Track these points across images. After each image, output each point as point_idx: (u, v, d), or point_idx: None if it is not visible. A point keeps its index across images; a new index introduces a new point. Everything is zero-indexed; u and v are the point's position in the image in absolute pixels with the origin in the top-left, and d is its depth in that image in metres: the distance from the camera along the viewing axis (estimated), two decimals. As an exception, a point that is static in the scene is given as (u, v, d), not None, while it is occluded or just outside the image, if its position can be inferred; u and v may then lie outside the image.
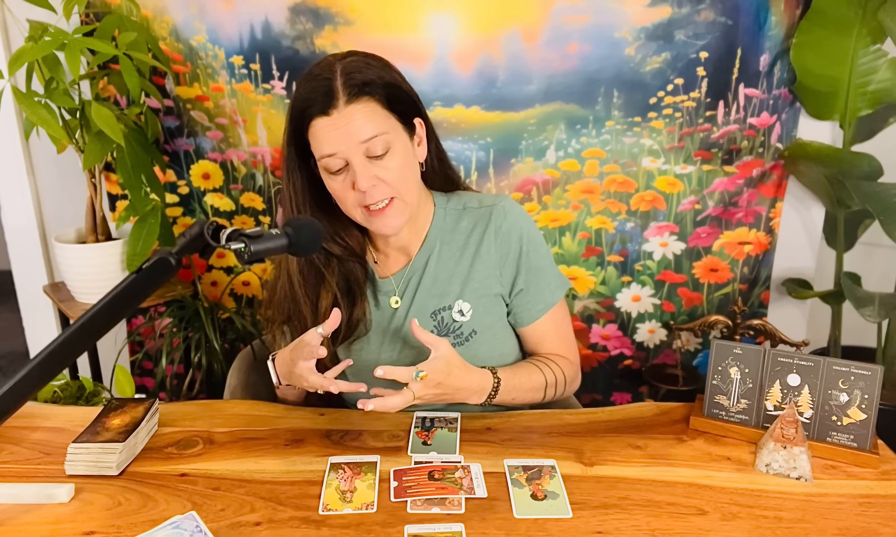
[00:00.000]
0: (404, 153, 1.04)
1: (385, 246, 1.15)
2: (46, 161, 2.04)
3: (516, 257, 1.13)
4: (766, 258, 2.03)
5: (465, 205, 1.16)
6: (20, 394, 0.80)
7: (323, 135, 1.00)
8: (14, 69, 1.52)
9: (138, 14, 1.81)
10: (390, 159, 1.01)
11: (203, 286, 2.10)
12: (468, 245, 1.14)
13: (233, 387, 1.33)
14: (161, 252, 0.86)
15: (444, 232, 1.15)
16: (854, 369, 0.99)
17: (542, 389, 1.14)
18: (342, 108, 0.98)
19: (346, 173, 1.01)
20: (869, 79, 1.76)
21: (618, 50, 1.80)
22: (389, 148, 1.01)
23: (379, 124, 1.00)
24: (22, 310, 2.20)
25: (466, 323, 1.13)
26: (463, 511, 0.87)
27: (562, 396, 1.19)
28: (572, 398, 1.32)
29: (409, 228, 1.12)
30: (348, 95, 0.98)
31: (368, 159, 1.00)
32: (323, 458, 1.00)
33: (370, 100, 1.00)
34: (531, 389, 1.12)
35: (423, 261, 1.14)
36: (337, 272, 1.13)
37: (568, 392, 1.21)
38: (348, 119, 0.98)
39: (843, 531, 0.84)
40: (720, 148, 1.91)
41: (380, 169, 1.01)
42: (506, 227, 1.12)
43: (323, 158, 1.01)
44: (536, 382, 1.13)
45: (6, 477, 0.96)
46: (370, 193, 1.01)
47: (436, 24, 1.79)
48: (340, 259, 1.13)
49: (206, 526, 0.84)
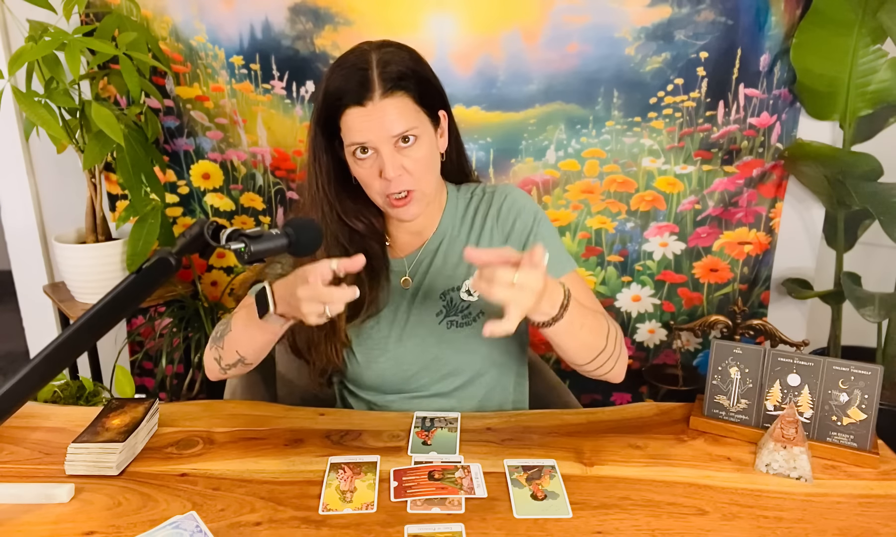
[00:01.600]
0: (430, 145, 1.07)
1: (398, 229, 1.18)
2: (46, 161, 2.04)
3: (520, 231, 1.15)
4: (766, 258, 2.03)
5: (472, 193, 1.21)
6: (20, 393, 0.80)
7: (356, 124, 1.02)
8: (14, 69, 1.53)
9: (138, 14, 1.82)
10: (417, 150, 1.04)
11: (203, 286, 2.10)
12: (474, 229, 1.18)
13: (233, 387, 1.33)
14: (161, 252, 0.86)
15: (456, 218, 1.19)
16: (854, 369, 0.99)
17: (605, 332, 1.02)
18: (377, 100, 1.01)
19: (374, 160, 1.04)
20: (869, 79, 1.76)
21: (618, 50, 1.80)
22: (417, 140, 1.04)
23: (410, 119, 1.03)
24: (22, 310, 2.20)
25: (474, 303, 1.15)
26: (463, 511, 0.87)
27: (619, 362, 1.07)
28: (572, 398, 1.32)
29: (424, 213, 1.15)
30: (384, 89, 1.01)
31: (396, 150, 1.03)
32: (323, 458, 1.00)
33: (404, 95, 1.03)
34: (595, 326, 1.01)
35: (435, 245, 1.17)
36: (357, 250, 1.13)
37: (623, 358, 1.08)
38: (382, 111, 1.01)
39: (843, 531, 0.84)
40: (720, 148, 1.91)
41: (406, 159, 1.04)
42: (506, 206, 1.16)
43: (353, 145, 1.04)
44: (599, 321, 1.03)
45: (6, 477, 0.96)
46: (395, 182, 1.03)
47: (436, 24, 1.79)
48: (363, 236, 1.15)
49: (206, 526, 0.84)
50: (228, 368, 1.10)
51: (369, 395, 1.19)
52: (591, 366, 1.04)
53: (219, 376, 1.14)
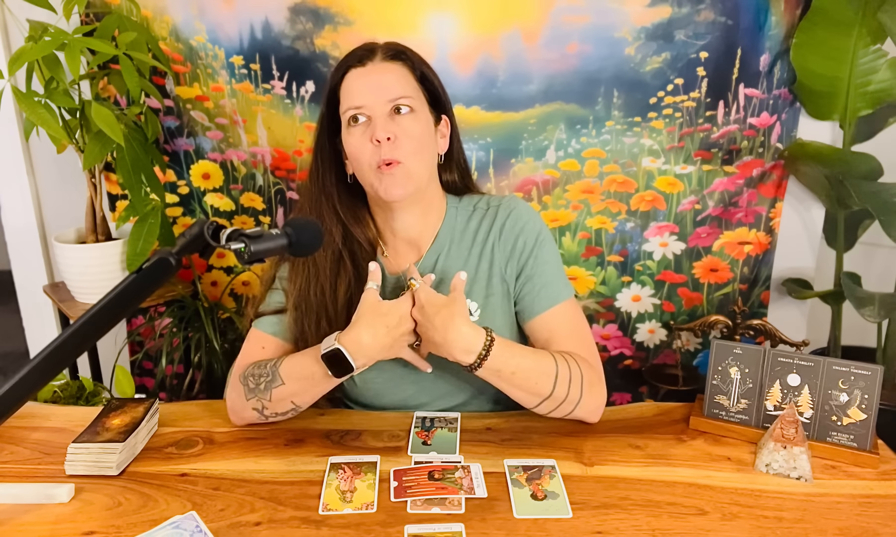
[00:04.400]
0: (425, 126, 1.07)
1: (394, 238, 1.15)
2: (46, 161, 2.04)
3: (521, 250, 1.12)
4: (766, 258, 2.03)
5: (475, 207, 1.18)
6: (20, 393, 0.80)
7: (354, 84, 1.05)
8: (14, 69, 1.52)
9: (138, 14, 1.82)
10: (411, 123, 1.05)
11: (203, 286, 2.10)
12: (475, 244, 1.14)
13: (233, 387, 1.33)
14: (161, 252, 0.86)
15: (455, 231, 1.16)
16: (854, 369, 0.99)
17: (553, 378, 0.99)
18: (378, 62, 1.05)
19: (367, 128, 1.04)
20: (869, 79, 1.76)
21: (618, 50, 1.80)
22: (413, 112, 1.05)
23: (408, 88, 1.06)
24: (22, 310, 2.20)
25: (474, 322, 1.12)
26: (463, 511, 0.87)
27: (579, 407, 1.03)
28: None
29: (420, 220, 1.13)
30: (385, 54, 1.07)
31: (390, 117, 1.04)
32: (323, 458, 1.00)
33: (405, 66, 1.07)
34: (538, 373, 0.99)
35: (433, 260, 1.14)
36: (350, 263, 1.13)
37: (587, 402, 1.03)
38: (381, 72, 1.05)
39: (843, 531, 0.84)
40: (720, 148, 1.91)
41: (398, 128, 1.03)
42: (510, 223, 1.13)
43: (348, 111, 1.05)
44: (545, 367, 1.00)
45: (6, 477, 0.96)
46: (385, 147, 1.02)
47: (436, 25, 1.79)
48: (353, 243, 1.14)
49: (206, 526, 0.84)
50: (275, 416, 1.08)
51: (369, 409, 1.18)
52: (541, 410, 1.04)
53: (255, 422, 1.10)
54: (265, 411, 1.06)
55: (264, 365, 1.06)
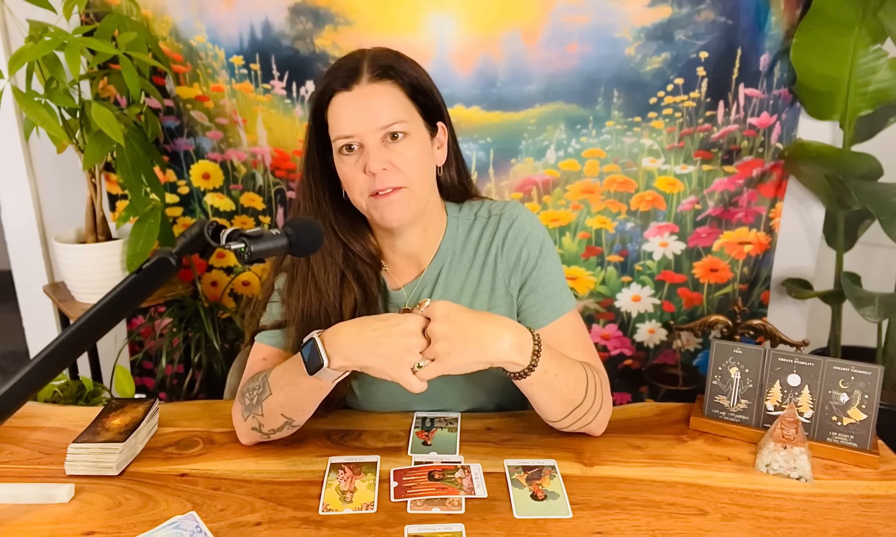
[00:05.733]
0: (422, 146, 1.02)
1: (394, 254, 1.12)
2: (46, 161, 2.04)
3: (525, 262, 1.09)
4: (766, 258, 2.03)
5: (476, 215, 1.14)
6: (20, 393, 0.80)
7: (342, 111, 0.98)
8: (14, 69, 1.53)
9: (138, 14, 1.82)
10: (406, 148, 0.99)
11: (203, 286, 2.10)
12: (477, 255, 1.11)
13: (233, 387, 1.33)
14: (161, 252, 0.86)
15: (457, 243, 1.12)
16: (854, 369, 0.99)
17: (584, 383, 0.97)
18: (364, 84, 0.97)
19: (360, 156, 0.99)
20: (869, 79, 1.76)
21: (618, 50, 1.80)
22: (407, 136, 0.99)
23: (399, 111, 0.98)
24: (22, 310, 2.20)
25: None
26: (463, 511, 0.87)
27: (596, 417, 1.01)
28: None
29: (421, 236, 1.09)
30: (372, 74, 0.97)
31: (384, 144, 0.98)
32: (323, 458, 1.00)
33: (394, 84, 0.99)
34: (575, 376, 0.96)
35: (434, 274, 1.11)
36: (353, 275, 1.09)
37: (604, 412, 1.02)
38: (369, 96, 0.97)
39: (843, 531, 0.84)
40: (720, 148, 1.91)
41: (394, 155, 0.98)
42: (512, 234, 1.10)
43: (339, 140, 0.99)
44: (578, 370, 0.97)
45: (6, 477, 0.96)
46: (380, 178, 0.97)
47: (436, 24, 1.79)
48: (356, 262, 1.09)
49: (206, 526, 0.84)
50: (273, 433, 1.01)
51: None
52: (564, 423, 1.00)
53: (261, 441, 1.04)
54: (262, 429, 1.01)
55: (258, 376, 1.03)
